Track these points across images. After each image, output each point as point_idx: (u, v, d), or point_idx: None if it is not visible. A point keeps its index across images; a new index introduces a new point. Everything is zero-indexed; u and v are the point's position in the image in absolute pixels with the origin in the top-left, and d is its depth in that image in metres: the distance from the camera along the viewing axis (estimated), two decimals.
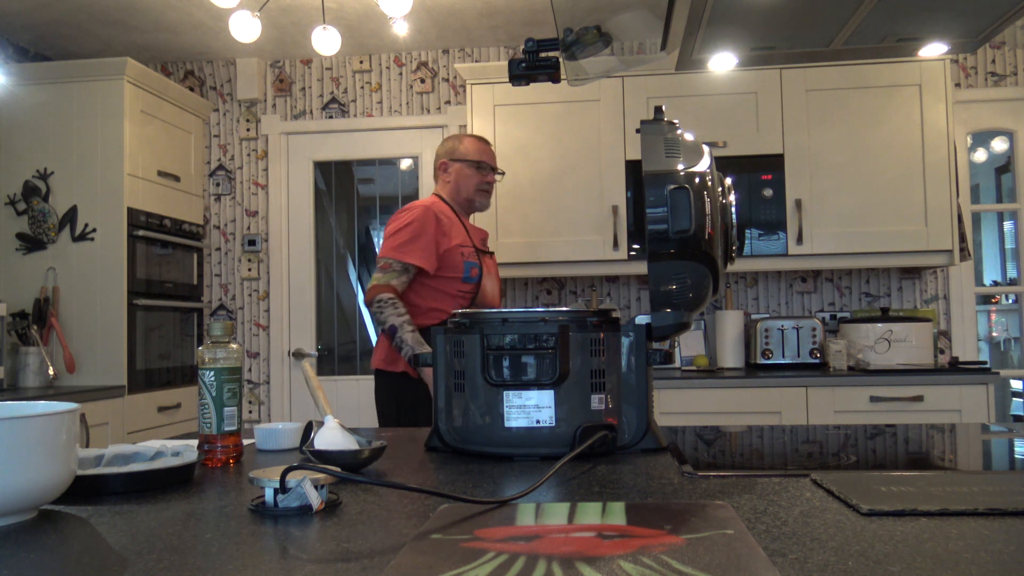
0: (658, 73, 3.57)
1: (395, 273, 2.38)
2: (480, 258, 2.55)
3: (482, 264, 2.55)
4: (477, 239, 2.62)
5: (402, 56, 4.21)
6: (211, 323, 1.23)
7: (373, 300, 2.35)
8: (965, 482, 0.95)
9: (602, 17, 1.57)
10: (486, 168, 2.65)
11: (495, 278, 2.65)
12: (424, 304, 2.44)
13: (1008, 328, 5.22)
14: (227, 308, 4.26)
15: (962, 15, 1.53)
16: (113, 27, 3.82)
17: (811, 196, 3.48)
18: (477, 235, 2.65)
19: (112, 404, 3.37)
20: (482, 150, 2.67)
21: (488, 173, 2.65)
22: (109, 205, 3.51)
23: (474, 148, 2.66)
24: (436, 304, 2.45)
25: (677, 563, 0.65)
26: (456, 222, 2.56)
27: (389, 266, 2.39)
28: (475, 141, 2.68)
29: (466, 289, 2.49)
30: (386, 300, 2.33)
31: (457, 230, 2.53)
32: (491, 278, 2.60)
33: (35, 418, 0.85)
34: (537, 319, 1.25)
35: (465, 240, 2.53)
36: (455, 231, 2.52)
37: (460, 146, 2.66)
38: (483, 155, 2.66)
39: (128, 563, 0.71)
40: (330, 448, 1.17)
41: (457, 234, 2.52)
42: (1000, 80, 3.89)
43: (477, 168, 2.63)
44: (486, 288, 2.55)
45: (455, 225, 2.54)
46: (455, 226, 2.53)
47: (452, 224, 2.52)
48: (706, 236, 1.25)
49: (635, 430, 1.29)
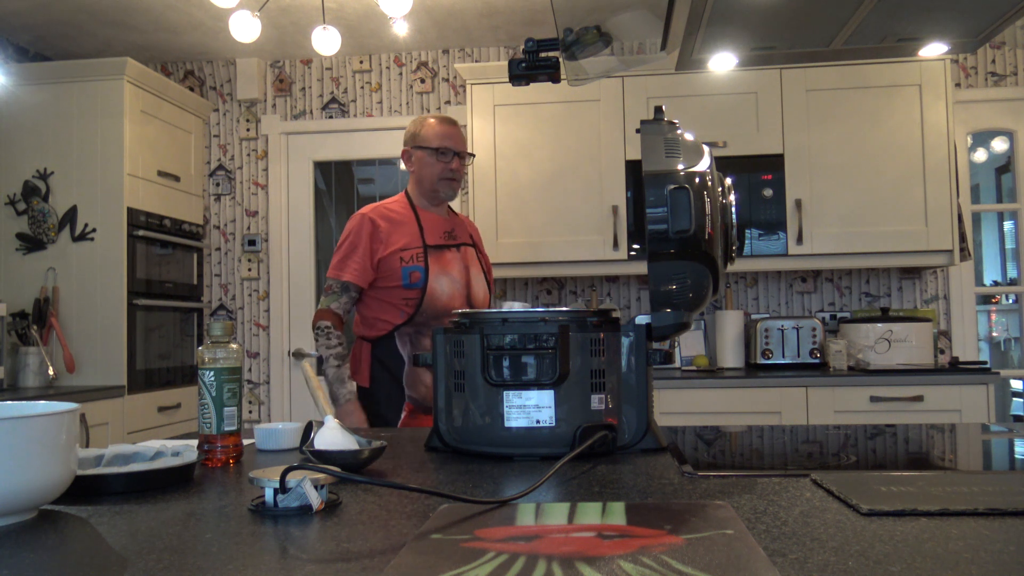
0: (658, 73, 3.57)
1: (335, 295, 2.29)
2: (428, 258, 2.31)
3: (432, 264, 2.30)
4: (436, 235, 2.37)
5: (402, 56, 4.21)
6: (211, 323, 1.23)
7: (313, 326, 2.31)
8: (965, 482, 0.95)
9: (602, 17, 1.57)
10: (449, 154, 2.38)
11: (461, 274, 2.36)
12: (370, 315, 2.33)
13: (1008, 328, 5.22)
14: (227, 308, 4.26)
15: (962, 15, 1.53)
16: (113, 27, 3.82)
17: (811, 196, 3.48)
18: (438, 229, 2.38)
19: (112, 404, 3.37)
20: (444, 134, 2.40)
21: (452, 159, 2.38)
22: (109, 205, 3.51)
23: (434, 132, 2.39)
24: (380, 315, 2.30)
25: (677, 563, 0.65)
26: (406, 222, 2.34)
27: (330, 288, 2.31)
28: (437, 123, 2.41)
29: (409, 296, 2.28)
30: (321, 328, 2.27)
31: (404, 231, 2.32)
32: (448, 277, 2.32)
33: (35, 418, 0.85)
34: (537, 319, 1.24)
35: (411, 241, 2.31)
36: (399, 234, 2.31)
37: (421, 131, 2.42)
38: (445, 139, 2.39)
39: (128, 563, 0.71)
40: (330, 448, 1.17)
41: (401, 237, 2.31)
42: (1000, 80, 3.89)
43: (438, 155, 2.37)
44: (436, 290, 2.29)
45: (402, 226, 2.33)
46: (402, 227, 2.32)
47: (397, 226, 2.32)
48: (706, 236, 1.25)
49: (635, 430, 1.29)
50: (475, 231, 2.59)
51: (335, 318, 2.29)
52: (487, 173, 3.63)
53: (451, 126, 2.43)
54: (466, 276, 2.38)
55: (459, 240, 2.43)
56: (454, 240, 2.41)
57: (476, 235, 2.57)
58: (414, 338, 2.29)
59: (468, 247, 2.45)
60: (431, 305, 2.28)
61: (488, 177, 3.63)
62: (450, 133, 2.41)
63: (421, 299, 2.27)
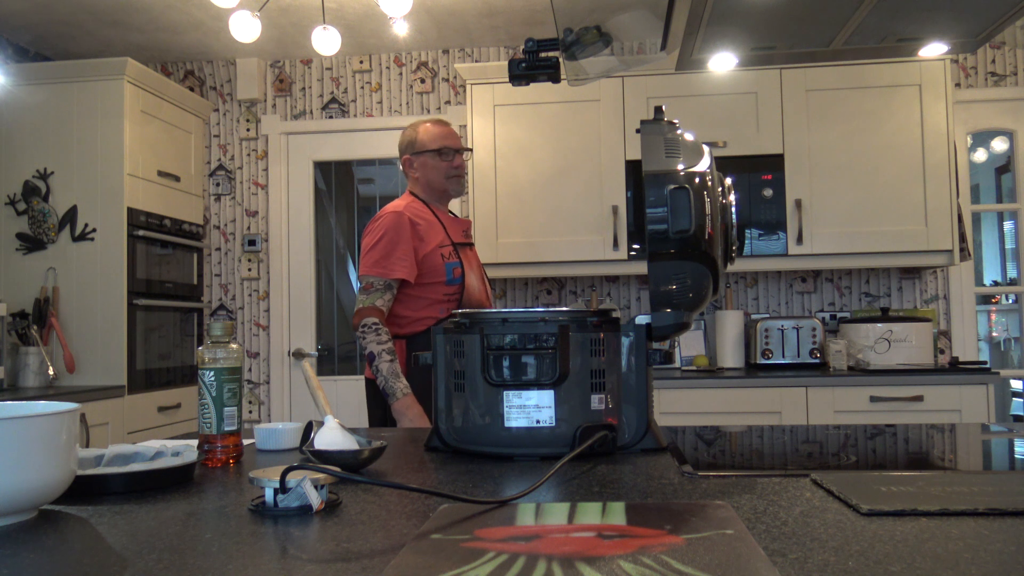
0: (658, 73, 3.57)
1: (378, 292, 2.29)
2: (460, 255, 2.42)
3: (463, 261, 2.41)
4: (457, 233, 2.48)
5: (402, 56, 4.21)
6: (211, 323, 1.23)
7: (358, 325, 2.28)
8: (965, 482, 0.95)
9: (602, 17, 1.57)
10: (450, 153, 2.47)
11: (477, 271, 2.51)
12: (413, 315, 2.34)
13: (1008, 328, 5.22)
14: (227, 308, 4.26)
15: (962, 15, 1.53)
16: (113, 27, 3.82)
17: (811, 196, 3.48)
18: (457, 228, 2.50)
19: (112, 404, 3.37)
20: (441, 135, 2.49)
21: (453, 157, 2.48)
22: (109, 205, 3.51)
23: (432, 135, 2.48)
24: (425, 312, 2.35)
25: (677, 563, 0.65)
26: (434, 221, 2.43)
27: (371, 285, 2.30)
28: (432, 127, 2.50)
29: (451, 291, 2.37)
30: (369, 326, 2.25)
31: (435, 230, 2.41)
32: (473, 273, 2.46)
33: (35, 418, 0.85)
34: (537, 319, 1.24)
35: (444, 239, 2.41)
36: (432, 232, 2.39)
37: (418, 137, 2.50)
38: (444, 140, 2.48)
39: (128, 563, 0.71)
40: (330, 448, 1.17)
41: (435, 235, 2.39)
42: (1000, 80, 3.89)
43: (440, 156, 2.46)
44: (471, 285, 2.42)
45: (432, 225, 2.41)
46: (432, 226, 2.41)
47: (429, 225, 2.40)
48: (706, 236, 1.25)
49: (635, 430, 1.29)
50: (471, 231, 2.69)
51: (381, 315, 2.28)
52: (487, 173, 3.63)
53: (445, 126, 2.52)
54: (482, 272, 2.54)
55: (471, 239, 2.56)
56: (469, 238, 2.54)
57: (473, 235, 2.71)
58: None
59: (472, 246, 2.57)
60: (467, 300, 2.38)
61: (488, 177, 3.63)
62: (447, 132, 2.50)
63: (461, 294, 2.37)
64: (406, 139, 2.52)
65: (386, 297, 2.30)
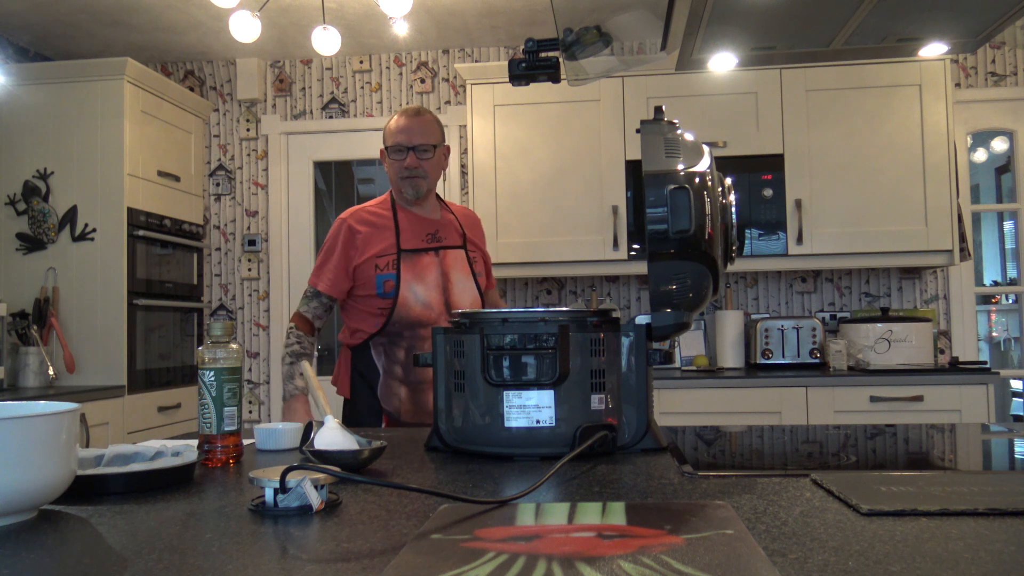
0: (658, 73, 3.57)
1: (306, 300, 2.23)
2: (401, 265, 2.15)
3: (403, 272, 2.14)
4: (417, 237, 2.21)
5: (402, 56, 4.21)
6: (211, 323, 1.23)
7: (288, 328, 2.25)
8: (965, 482, 0.95)
9: (602, 17, 1.57)
10: (403, 151, 2.18)
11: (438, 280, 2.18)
12: (351, 325, 2.23)
13: (1008, 328, 5.22)
14: (227, 308, 4.26)
15: (962, 15, 1.53)
16: (113, 27, 3.82)
17: (811, 196, 3.48)
18: (420, 231, 2.22)
19: (112, 404, 3.37)
20: (398, 128, 2.19)
21: (406, 156, 2.17)
22: (109, 205, 3.51)
23: (390, 130, 2.22)
24: (358, 324, 2.20)
25: (677, 563, 0.65)
26: (386, 226, 2.20)
27: (306, 292, 2.24)
28: (396, 118, 2.22)
29: (384, 305, 2.14)
30: (289, 331, 2.22)
31: (380, 238, 2.18)
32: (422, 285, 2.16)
33: (35, 418, 0.85)
34: (537, 319, 1.24)
35: (387, 248, 2.17)
36: (374, 240, 2.18)
37: (385, 129, 2.25)
38: (397, 135, 2.19)
39: (128, 563, 0.71)
40: (330, 448, 1.17)
41: (377, 243, 2.17)
42: (1000, 80, 3.89)
43: (392, 153, 2.20)
44: (409, 299, 2.14)
45: (380, 232, 2.19)
46: (379, 233, 2.19)
47: (375, 232, 2.19)
48: (706, 236, 1.25)
49: (635, 430, 1.29)
50: (473, 226, 2.38)
51: (300, 320, 2.22)
52: (487, 173, 3.63)
53: (409, 119, 2.21)
54: (443, 282, 2.18)
55: (444, 242, 2.24)
56: (437, 242, 2.22)
57: (473, 231, 2.36)
58: (388, 348, 2.17)
59: (454, 249, 2.25)
60: (404, 315, 2.13)
61: (488, 177, 3.63)
62: (405, 127, 2.19)
63: (392, 308, 2.14)
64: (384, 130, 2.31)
65: (312, 304, 2.22)
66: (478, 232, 2.38)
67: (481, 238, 2.39)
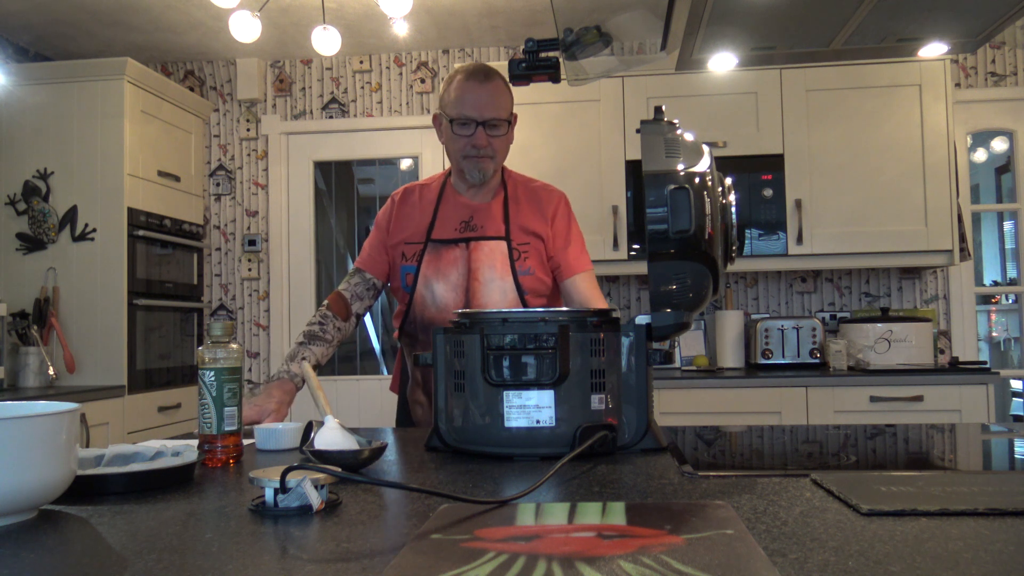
0: (658, 73, 3.57)
1: (348, 276, 1.96)
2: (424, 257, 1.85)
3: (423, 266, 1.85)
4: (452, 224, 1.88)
5: (402, 56, 4.21)
6: (211, 323, 1.23)
7: None
8: (965, 482, 0.95)
9: (602, 17, 1.57)
10: (470, 125, 1.81)
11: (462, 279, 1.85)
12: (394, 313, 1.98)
13: (1008, 328, 5.22)
14: (227, 308, 4.26)
15: (962, 15, 1.53)
16: (113, 27, 3.82)
17: (811, 196, 3.48)
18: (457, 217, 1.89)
19: (112, 404, 3.37)
20: (466, 97, 1.80)
21: (474, 132, 1.81)
22: (109, 205, 3.51)
23: (454, 96, 1.82)
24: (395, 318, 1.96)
25: (677, 563, 0.65)
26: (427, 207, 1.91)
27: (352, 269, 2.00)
28: (461, 80, 1.83)
29: (406, 300, 1.89)
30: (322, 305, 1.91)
31: (416, 219, 1.89)
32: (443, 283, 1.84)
33: (35, 418, 0.85)
34: (537, 319, 1.24)
35: (416, 233, 1.88)
36: (411, 221, 1.89)
37: (445, 91, 1.87)
38: (463, 106, 1.80)
39: (128, 563, 0.71)
40: (330, 448, 1.17)
41: (412, 225, 1.89)
42: (1000, 80, 3.89)
43: (456, 126, 1.82)
44: (425, 298, 1.85)
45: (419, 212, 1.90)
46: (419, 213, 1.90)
47: (414, 211, 1.90)
48: (706, 236, 1.25)
49: (635, 430, 1.29)
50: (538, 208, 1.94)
51: (335, 298, 1.90)
52: None
53: (480, 84, 1.81)
54: (467, 281, 1.84)
55: (479, 232, 1.87)
56: (470, 232, 1.87)
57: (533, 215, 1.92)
58: (409, 349, 1.95)
59: (492, 241, 1.87)
60: (419, 315, 1.86)
61: None
62: (475, 97, 1.81)
63: (409, 306, 1.88)
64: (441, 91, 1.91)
65: (352, 282, 1.93)
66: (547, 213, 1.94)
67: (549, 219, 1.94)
